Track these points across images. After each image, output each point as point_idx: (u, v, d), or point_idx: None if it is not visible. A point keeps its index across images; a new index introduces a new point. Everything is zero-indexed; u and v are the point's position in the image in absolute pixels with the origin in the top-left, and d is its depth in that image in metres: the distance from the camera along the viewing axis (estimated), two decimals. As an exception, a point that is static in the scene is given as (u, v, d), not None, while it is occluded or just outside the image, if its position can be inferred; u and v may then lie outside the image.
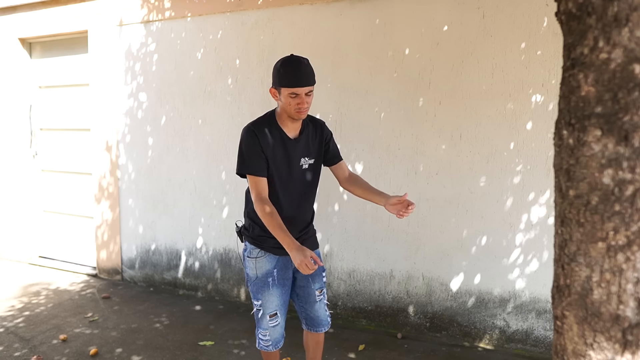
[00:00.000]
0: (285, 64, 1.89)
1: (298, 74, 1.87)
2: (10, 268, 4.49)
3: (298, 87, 1.85)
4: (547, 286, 2.75)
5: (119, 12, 3.86)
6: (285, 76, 1.87)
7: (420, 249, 3.04)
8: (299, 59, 1.90)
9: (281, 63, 1.90)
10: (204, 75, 3.60)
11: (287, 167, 2.00)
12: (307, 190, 2.09)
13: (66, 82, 4.38)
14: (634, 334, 0.79)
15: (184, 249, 3.83)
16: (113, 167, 4.05)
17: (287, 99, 1.88)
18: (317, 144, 2.10)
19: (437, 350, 2.87)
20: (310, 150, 2.07)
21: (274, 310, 2.06)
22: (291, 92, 1.86)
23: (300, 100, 1.87)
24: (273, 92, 1.94)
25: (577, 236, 0.85)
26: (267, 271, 2.04)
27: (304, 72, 1.88)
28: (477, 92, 2.82)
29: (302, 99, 1.87)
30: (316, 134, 2.09)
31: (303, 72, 1.88)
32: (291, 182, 2.02)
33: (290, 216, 2.01)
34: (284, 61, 1.90)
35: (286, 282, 2.09)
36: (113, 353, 2.83)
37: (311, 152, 2.06)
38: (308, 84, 1.88)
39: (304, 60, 1.90)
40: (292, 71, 1.87)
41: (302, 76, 1.87)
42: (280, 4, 3.26)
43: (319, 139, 2.10)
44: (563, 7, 0.87)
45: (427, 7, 2.89)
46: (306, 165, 2.05)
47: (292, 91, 1.86)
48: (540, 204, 2.74)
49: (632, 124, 0.77)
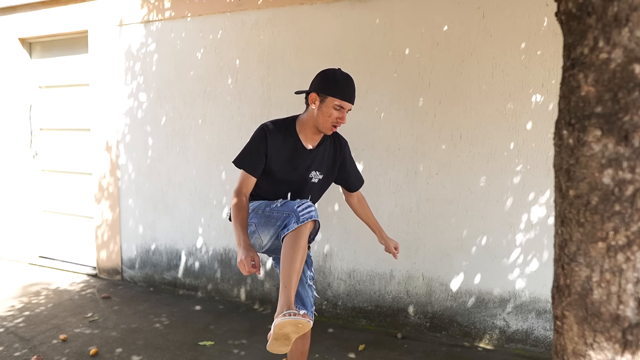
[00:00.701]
0: (340, 75, 1.89)
1: (351, 89, 1.89)
2: (10, 268, 4.48)
3: (347, 102, 1.87)
4: (547, 286, 2.75)
5: (119, 12, 3.86)
6: (338, 87, 1.86)
7: (420, 249, 3.04)
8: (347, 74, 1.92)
9: (335, 72, 1.89)
10: (204, 75, 3.60)
11: (294, 176, 1.97)
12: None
13: (66, 82, 4.38)
14: (634, 334, 0.79)
15: (184, 249, 3.83)
16: (113, 167, 4.05)
17: (330, 109, 1.87)
18: (332, 161, 2.05)
19: (437, 350, 2.87)
20: (323, 165, 2.02)
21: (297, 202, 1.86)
22: (339, 103, 1.86)
23: (342, 115, 1.88)
24: (314, 97, 1.90)
25: (577, 236, 0.85)
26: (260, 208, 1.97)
27: (353, 88, 1.90)
28: (477, 92, 2.82)
29: (344, 114, 1.88)
30: (334, 151, 2.05)
31: (354, 89, 1.90)
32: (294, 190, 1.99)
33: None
34: (337, 72, 1.90)
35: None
36: (113, 353, 2.83)
37: (323, 167, 2.02)
38: (353, 102, 1.91)
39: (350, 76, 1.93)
40: (346, 84, 1.88)
41: (353, 92, 1.90)
42: (280, 4, 3.26)
43: (334, 156, 2.06)
44: (563, 7, 0.87)
45: (427, 7, 2.89)
46: (315, 179, 2.02)
47: (340, 103, 1.86)
48: (540, 204, 2.74)
49: (632, 124, 0.77)
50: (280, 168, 1.95)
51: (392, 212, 3.09)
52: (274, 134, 1.93)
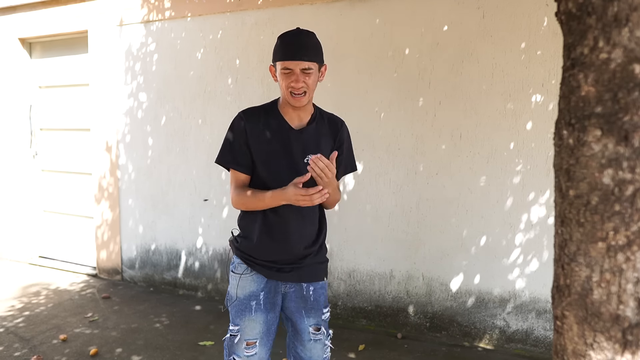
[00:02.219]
0: (283, 34, 1.60)
1: (293, 46, 1.55)
2: (10, 268, 4.48)
3: (290, 61, 1.54)
4: (547, 286, 2.75)
5: (119, 12, 3.86)
6: (280, 48, 1.57)
7: (420, 249, 3.04)
8: (300, 30, 1.60)
9: (281, 36, 1.60)
10: (204, 75, 3.60)
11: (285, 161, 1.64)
12: None
13: (66, 82, 4.38)
14: (634, 334, 0.79)
15: (184, 249, 3.83)
16: (113, 167, 4.05)
17: (281, 76, 1.57)
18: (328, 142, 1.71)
19: (437, 350, 2.87)
20: (320, 146, 1.68)
21: (254, 338, 1.67)
22: (283, 66, 1.55)
23: (294, 78, 1.54)
24: (272, 71, 1.65)
25: (577, 236, 0.85)
26: (251, 293, 1.67)
27: (301, 43, 1.55)
28: (477, 92, 2.81)
29: (297, 77, 1.54)
30: (329, 131, 1.72)
31: (300, 43, 1.55)
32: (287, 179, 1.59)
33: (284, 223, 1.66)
34: (283, 34, 1.61)
35: (274, 308, 1.71)
36: (113, 353, 2.83)
37: (319, 150, 1.65)
38: (303, 58, 1.53)
39: (305, 32, 1.60)
40: (287, 43, 1.56)
41: (298, 48, 1.54)
42: (280, 4, 3.26)
43: (331, 137, 1.72)
44: (563, 7, 0.87)
45: (427, 7, 2.89)
46: None
47: (284, 65, 1.55)
48: (540, 204, 2.74)
49: (632, 124, 0.77)
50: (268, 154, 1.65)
51: (392, 212, 3.08)
52: (251, 120, 1.66)
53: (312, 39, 1.60)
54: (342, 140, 1.75)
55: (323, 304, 1.75)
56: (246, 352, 1.67)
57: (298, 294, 1.72)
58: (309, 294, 1.72)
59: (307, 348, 1.73)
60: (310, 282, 1.72)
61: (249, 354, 1.67)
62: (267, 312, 1.69)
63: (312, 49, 1.58)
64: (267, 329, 1.69)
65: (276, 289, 1.72)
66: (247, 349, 1.67)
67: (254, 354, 1.67)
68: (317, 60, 1.60)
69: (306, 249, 1.70)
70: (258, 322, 1.67)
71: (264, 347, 1.70)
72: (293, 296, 1.72)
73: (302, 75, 1.55)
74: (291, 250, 1.68)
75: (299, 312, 1.72)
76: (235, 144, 1.68)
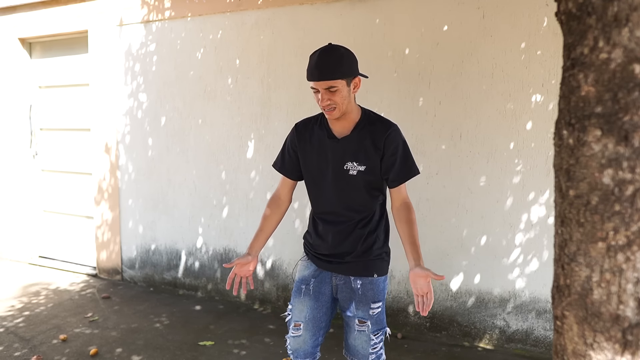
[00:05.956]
0: (312, 54, 1.66)
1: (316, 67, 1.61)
2: (10, 268, 4.48)
3: (315, 81, 1.62)
4: (547, 286, 2.75)
5: (119, 12, 3.86)
6: (307, 68, 1.66)
7: (420, 249, 3.03)
8: (325, 48, 1.64)
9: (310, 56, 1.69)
10: (204, 75, 3.60)
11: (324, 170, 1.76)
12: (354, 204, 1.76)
13: (66, 82, 4.38)
14: (634, 334, 0.79)
15: (184, 249, 3.83)
16: (113, 167, 4.05)
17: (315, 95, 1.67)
18: (372, 149, 1.71)
19: (437, 350, 2.87)
20: (361, 153, 1.71)
21: (299, 320, 1.83)
22: (312, 86, 1.65)
23: (320, 97, 1.64)
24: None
25: (577, 236, 0.85)
26: (304, 277, 1.86)
27: (322, 63, 1.60)
28: (477, 92, 2.81)
29: (323, 96, 1.63)
30: (375, 137, 1.72)
31: (321, 63, 1.60)
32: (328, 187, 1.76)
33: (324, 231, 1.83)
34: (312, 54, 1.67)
35: (321, 298, 1.83)
36: (113, 353, 2.83)
37: (360, 157, 1.71)
38: (322, 78, 1.60)
39: (329, 49, 1.64)
40: (311, 62, 1.64)
41: (320, 68, 1.60)
42: (280, 4, 3.26)
43: (376, 143, 1.71)
44: (563, 7, 0.87)
45: (427, 7, 2.89)
46: (354, 171, 1.72)
47: (313, 85, 1.65)
48: (540, 204, 2.74)
49: (632, 124, 0.77)
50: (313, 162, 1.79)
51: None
52: (302, 129, 1.83)
53: (334, 56, 1.63)
54: (389, 145, 1.73)
55: (371, 299, 1.80)
56: (292, 332, 1.85)
57: (347, 286, 1.83)
58: (357, 288, 1.81)
59: (353, 337, 1.84)
60: (357, 277, 1.80)
61: (294, 335, 1.84)
62: (314, 299, 1.82)
63: (334, 67, 1.61)
64: (313, 316, 1.82)
65: (326, 279, 1.85)
66: (294, 330, 1.84)
67: (298, 335, 1.84)
68: (341, 76, 1.62)
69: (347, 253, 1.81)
70: (305, 305, 1.83)
71: (308, 332, 1.82)
72: (343, 288, 1.84)
73: (327, 94, 1.63)
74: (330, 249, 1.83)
75: (347, 303, 1.82)
76: (286, 150, 1.88)
